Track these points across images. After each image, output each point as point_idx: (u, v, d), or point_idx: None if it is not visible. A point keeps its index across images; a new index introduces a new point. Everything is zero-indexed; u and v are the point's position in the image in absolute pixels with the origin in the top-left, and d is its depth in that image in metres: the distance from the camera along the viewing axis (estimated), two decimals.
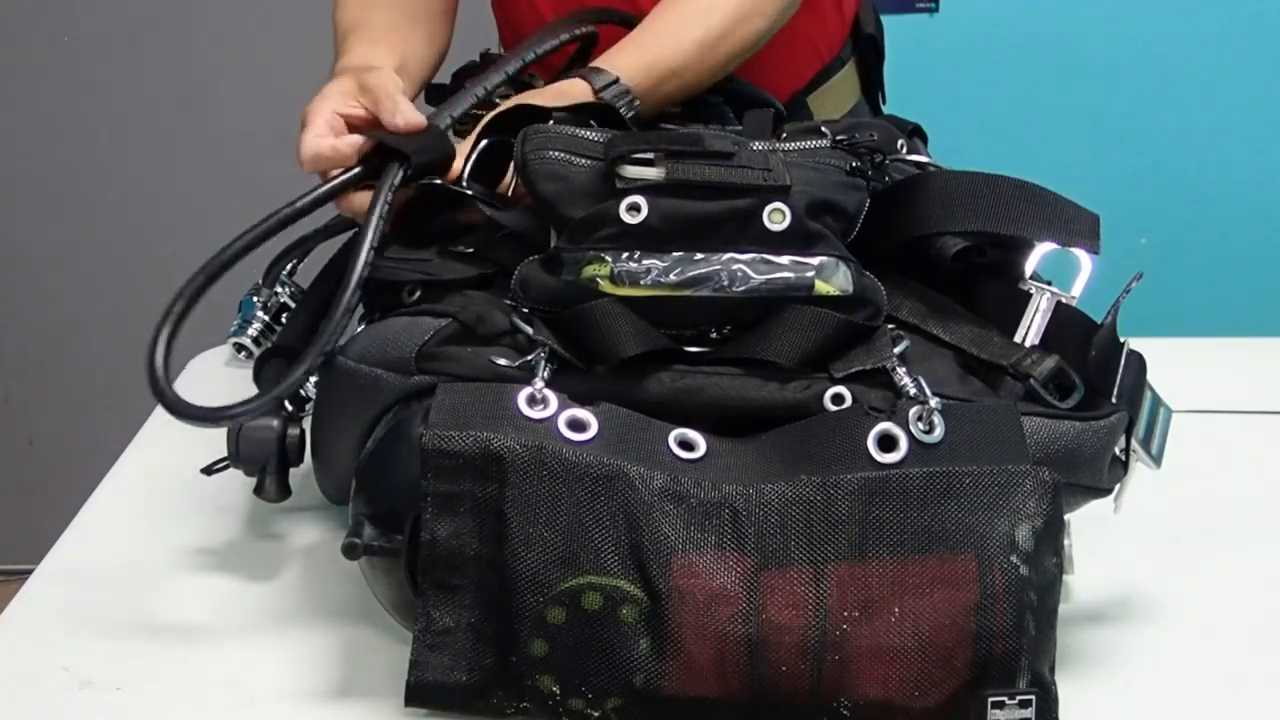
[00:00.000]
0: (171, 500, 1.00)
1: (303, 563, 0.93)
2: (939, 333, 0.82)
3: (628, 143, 0.80)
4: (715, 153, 0.79)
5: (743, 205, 0.78)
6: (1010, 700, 0.70)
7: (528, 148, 0.83)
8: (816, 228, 0.79)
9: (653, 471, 0.72)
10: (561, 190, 0.81)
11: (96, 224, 2.33)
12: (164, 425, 1.14)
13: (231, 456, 0.89)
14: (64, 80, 2.26)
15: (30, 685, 0.80)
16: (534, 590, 0.70)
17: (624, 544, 0.70)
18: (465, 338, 0.80)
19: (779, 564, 0.70)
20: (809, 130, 0.91)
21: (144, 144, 2.28)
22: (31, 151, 2.30)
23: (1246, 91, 2.14)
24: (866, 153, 0.86)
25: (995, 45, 2.13)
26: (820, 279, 0.78)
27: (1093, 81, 2.14)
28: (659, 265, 0.78)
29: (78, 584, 0.91)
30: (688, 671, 0.69)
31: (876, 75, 1.35)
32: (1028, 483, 0.71)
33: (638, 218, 0.78)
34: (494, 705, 0.72)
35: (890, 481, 0.71)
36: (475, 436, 0.71)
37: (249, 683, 0.80)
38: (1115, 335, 0.81)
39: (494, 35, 1.33)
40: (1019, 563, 0.70)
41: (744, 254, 0.78)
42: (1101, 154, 2.17)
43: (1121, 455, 0.80)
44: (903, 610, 0.69)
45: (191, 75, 2.26)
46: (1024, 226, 0.82)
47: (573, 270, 0.79)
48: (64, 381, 2.43)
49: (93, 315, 2.37)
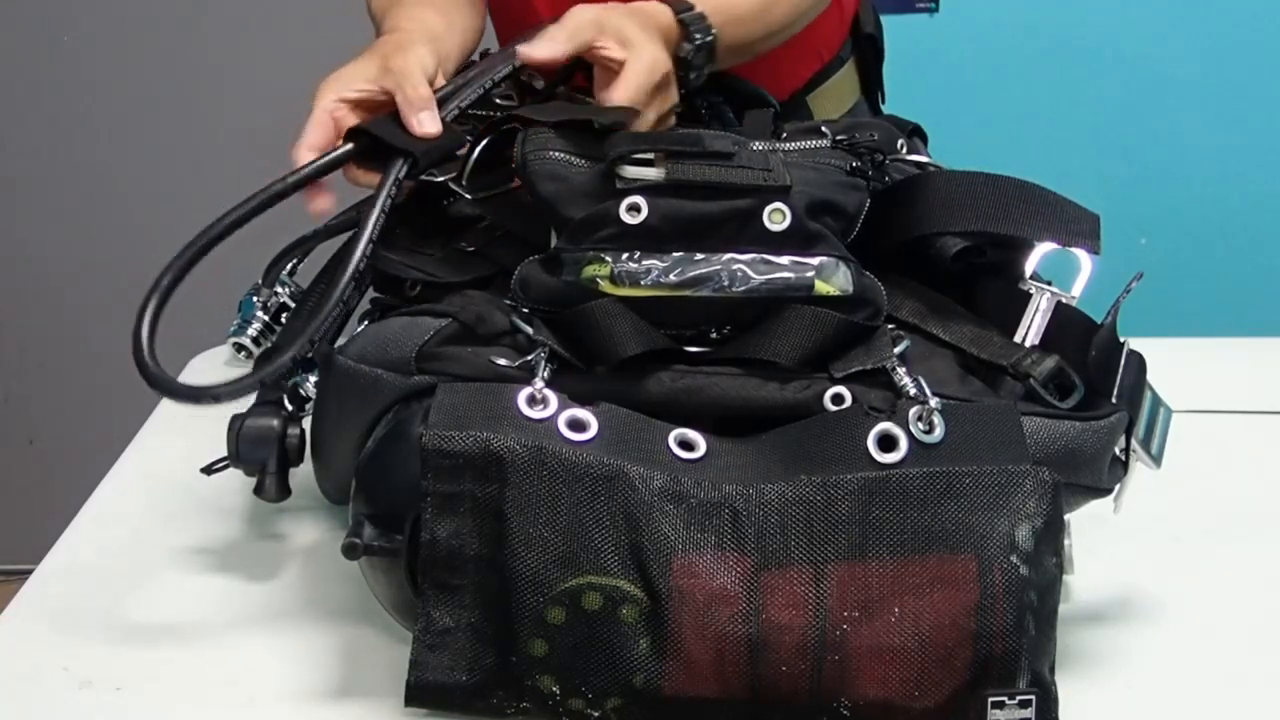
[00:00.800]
0: (171, 500, 1.00)
1: (303, 563, 0.93)
2: (939, 333, 0.82)
3: (627, 143, 0.80)
4: (715, 153, 0.79)
5: (743, 205, 0.78)
6: (1010, 700, 0.70)
7: (528, 148, 0.83)
8: (816, 228, 0.79)
9: (653, 471, 0.72)
10: (561, 190, 0.81)
11: (96, 224, 2.33)
12: (164, 425, 1.14)
13: (231, 456, 0.89)
14: (64, 80, 2.26)
15: (30, 685, 0.80)
16: (534, 590, 0.70)
17: (624, 544, 0.70)
18: (465, 338, 0.80)
19: (779, 564, 0.70)
20: (809, 130, 0.91)
21: (144, 144, 2.28)
22: (31, 151, 2.30)
23: (1246, 91, 2.14)
24: (867, 153, 0.86)
25: (995, 45, 2.13)
26: (820, 279, 0.78)
27: (1093, 81, 2.14)
28: (659, 265, 0.78)
29: (78, 584, 0.91)
30: (688, 671, 0.69)
31: (876, 75, 1.35)
32: (1028, 483, 0.71)
33: (638, 218, 0.78)
34: (494, 705, 0.72)
35: (890, 481, 0.71)
36: (475, 436, 0.71)
37: (249, 683, 0.80)
38: (1115, 335, 0.81)
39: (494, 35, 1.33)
40: (1019, 563, 0.70)
41: (744, 254, 0.78)
42: (1101, 154, 2.17)
43: (1121, 455, 0.80)
44: (903, 610, 0.69)
45: (192, 75, 2.26)
46: (1024, 227, 0.82)
47: (573, 270, 0.79)
48: (64, 381, 2.43)
49: (93, 315, 2.37)
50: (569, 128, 0.84)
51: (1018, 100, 2.15)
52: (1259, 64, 2.13)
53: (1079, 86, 2.14)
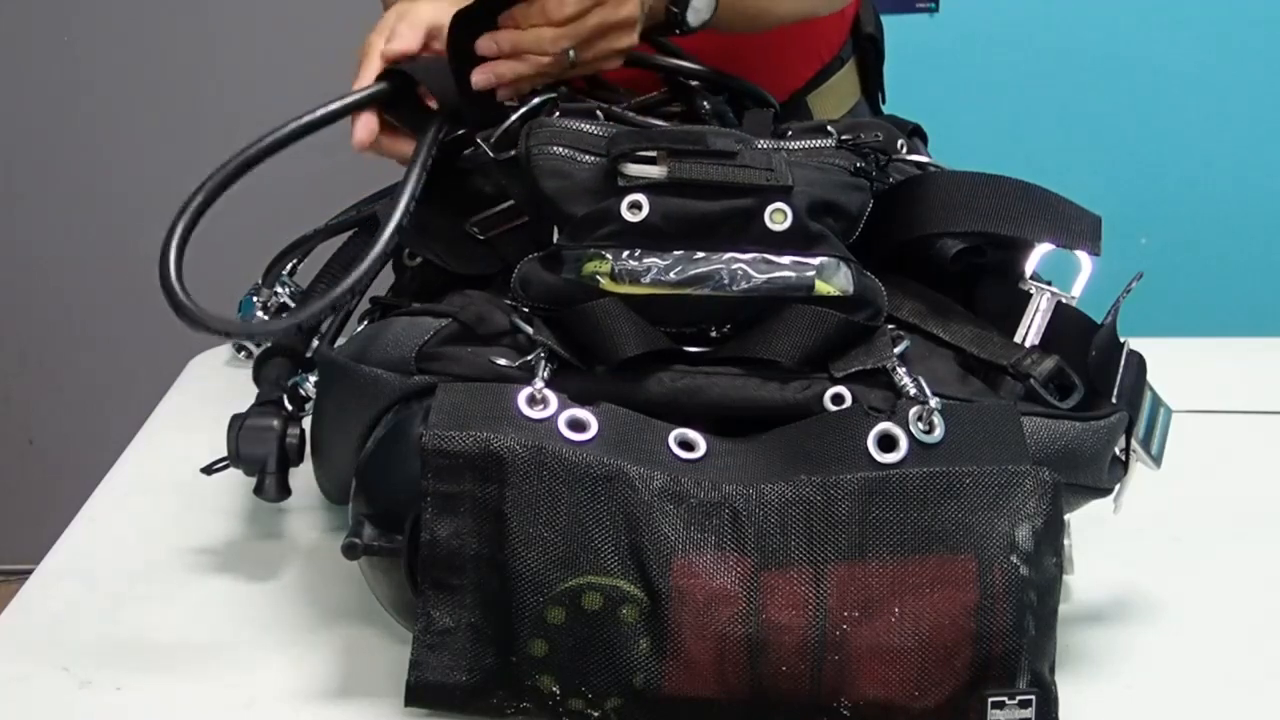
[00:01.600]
0: (171, 500, 1.00)
1: (303, 563, 0.93)
2: (939, 333, 0.82)
3: (630, 141, 0.80)
4: (718, 152, 0.79)
5: (744, 205, 0.78)
6: (1010, 700, 0.70)
7: (532, 142, 0.83)
8: (818, 228, 0.79)
9: (653, 471, 0.72)
10: (564, 187, 0.81)
11: (97, 224, 2.33)
12: (164, 425, 1.14)
13: (231, 456, 0.89)
14: (64, 80, 2.26)
15: (30, 685, 0.80)
16: (534, 590, 0.70)
17: (624, 544, 0.70)
18: (465, 338, 0.80)
19: (779, 564, 0.70)
20: (814, 129, 0.91)
21: (144, 144, 2.28)
22: (31, 151, 2.30)
23: (1246, 91, 2.13)
24: (871, 153, 0.86)
25: (995, 45, 2.13)
26: (821, 279, 0.78)
27: (1093, 81, 2.14)
28: (660, 264, 0.78)
29: (78, 584, 0.91)
30: (688, 671, 0.69)
31: (876, 75, 1.35)
32: (1028, 483, 0.71)
33: (639, 216, 0.78)
34: (494, 705, 0.72)
35: (890, 481, 0.71)
36: (475, 436, 0.71)
37: (249, 683, 0.80)
38: (1115, 335, 0.81)
39: None
40: (1019, 563, 0.70)
41: (745, 253, 0.78)
42: (1101, 154, 2.17)
43: (1121, 455, 0.80)
44: (903, 610, 0.69)
45: (192, 75, 2.25)
46: (1025, 228, 0.82)
47: (573, 268, 0.79)
48: (64, 381, 2.43)
49: (93, 315, 2.37)
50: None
51: (1018, 100, 2.14)
52: (1259, 64, 2.12)
53: (1079, 86, 2.14)
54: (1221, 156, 2.16)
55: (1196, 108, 2.14)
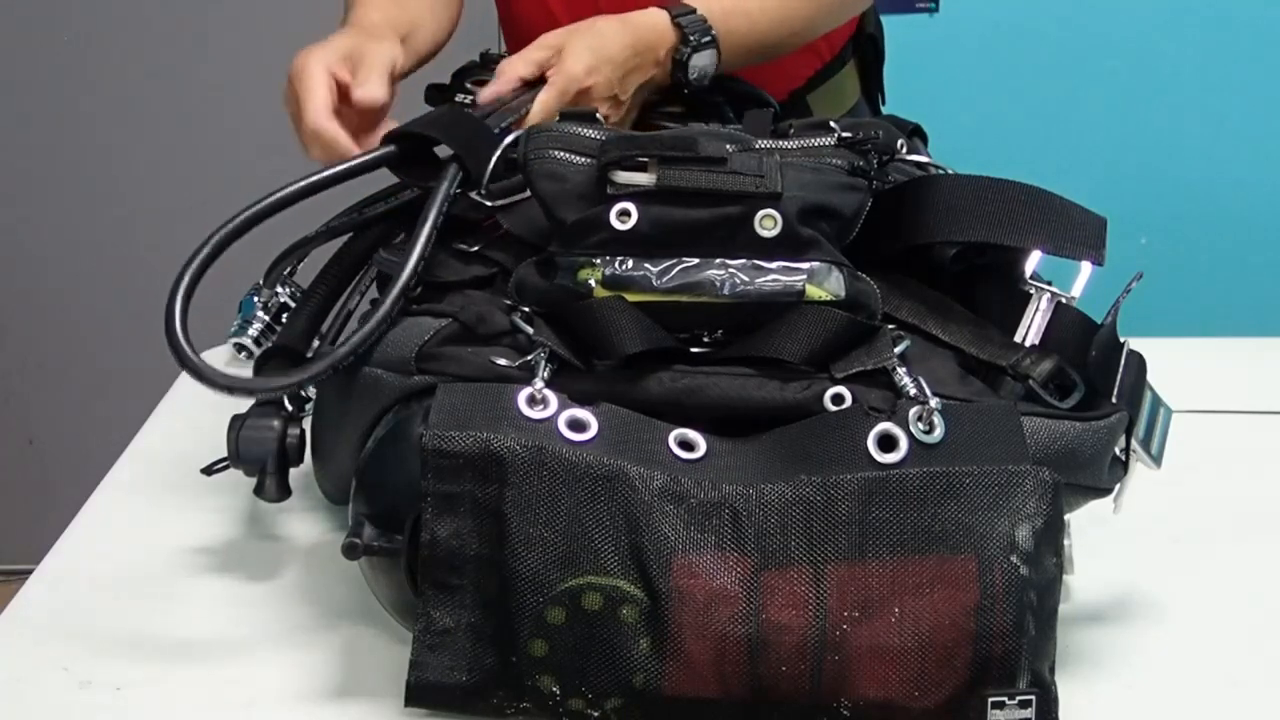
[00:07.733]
0: (171, 500, 1.00)
1: (303, 563, 0.93)
2: (939, 333, 0.82)
3: (620, 147, 0.79)
4: (707, 158, 0.78)
5: (733, 212, 0.78)
6: (1010, 700, 0.70)
7: (530, 146, 0.82)
8: (809, 233, 0.78)
9: (653, 472, 0.72)
10: (558, 191, 0.81)
11: (97, 224, 2.33)
12: (164, 425, 1.14)
13: (231, 456, 0.88)
14: (64, 80, 2.26)
15: (30, 685, 0.80)
16: (534, 590, 0.70)
17: (624, 544, 0.70)
18: (465, 338, 0.80)
19: (779, 564, 0.70)
20: (816, 126, 0.90)
21: (144, 144, 2.28)
22: (31, 151, 2.30)
23: (1246, 91, 2.14)
24: (873, 152, 0.85)
25: (995, 45, 2.14)
26: (812, 284, 0.78)
27: (1093, 81, 2.14)
28: (651, 271, 0.78)
29: (78, 584, 0.91)
30: (688, 672, 0.69)
31: (876, 75, 1.35)
32: (1028, 483, 0.71)
33: (628, 224, 0.78)
34: (494, 705, 0.72)
35: (890, 482, 0.71)
36: (475, 436, 0.71)
37: (249, 683, 0.80)
38: (1115, 335, 0.81)
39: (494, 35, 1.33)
40: (1019, 563, 0.70)
41: (735, 260, 0.78)
42: (1102, 154, 2.17)
43: (1121, 455, 0.80)
44: (903, 610, 0.69)
45: (192, 75, 2.26)
46: (1029, 237, 0.81)
47: (567, 275, 0.79)
48: (64, 381, 2.43)
49: (93, 315, 2.37)
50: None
51: (1018, 100, 2.15)
52: (1259, 64, 2.13)
53: (1079, 86, 2.14)
54: (1221, 156, 2.16)
55: (1196, 108, 2.14)
